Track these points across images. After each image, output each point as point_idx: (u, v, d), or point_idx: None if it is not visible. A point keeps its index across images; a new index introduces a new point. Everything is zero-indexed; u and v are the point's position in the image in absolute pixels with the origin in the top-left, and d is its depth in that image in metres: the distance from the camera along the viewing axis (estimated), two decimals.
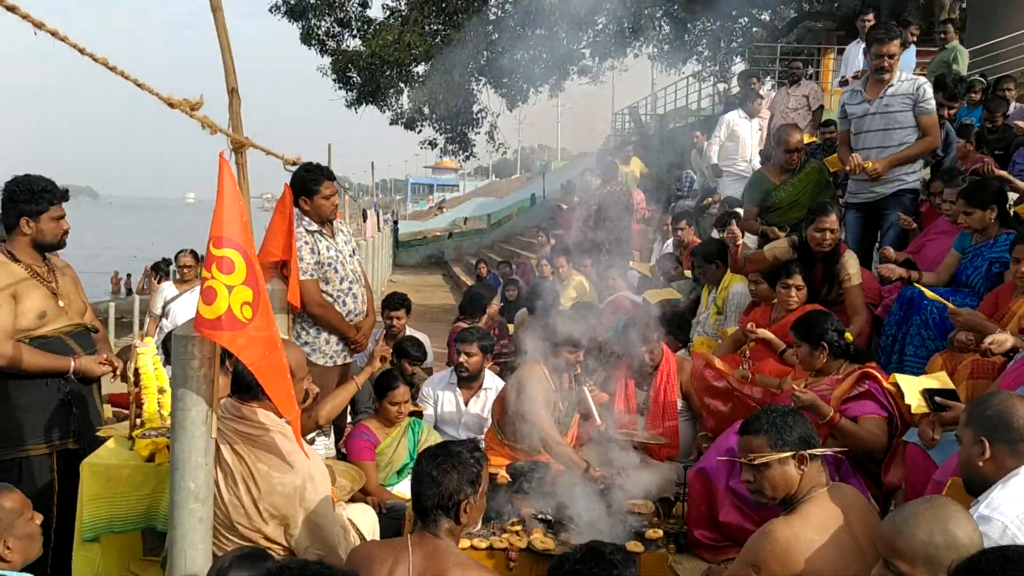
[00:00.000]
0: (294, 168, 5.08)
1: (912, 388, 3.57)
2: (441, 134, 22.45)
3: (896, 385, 3.83)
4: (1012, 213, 4.68)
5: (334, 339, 4.72)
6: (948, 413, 3.37)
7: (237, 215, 2.74)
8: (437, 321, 10.34)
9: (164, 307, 6.92)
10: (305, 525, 2.95)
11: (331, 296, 4.69)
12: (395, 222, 31.28)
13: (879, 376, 3.94)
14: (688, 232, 7.52)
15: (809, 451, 2.79)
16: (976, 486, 2.53)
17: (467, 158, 23.16)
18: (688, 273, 7.02)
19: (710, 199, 9.35)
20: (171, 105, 2.83)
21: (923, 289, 4.40)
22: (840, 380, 4.00)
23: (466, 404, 5.33)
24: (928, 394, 3.49)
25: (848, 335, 4.23)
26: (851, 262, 5.04)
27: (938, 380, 3.63)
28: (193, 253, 7.59)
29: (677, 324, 5.78)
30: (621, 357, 5.01)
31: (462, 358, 5.22)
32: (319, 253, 4.61)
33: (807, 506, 2.78)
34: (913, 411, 3.55)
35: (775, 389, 4.47)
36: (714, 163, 9.77)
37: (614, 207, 7.99)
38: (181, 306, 6.47)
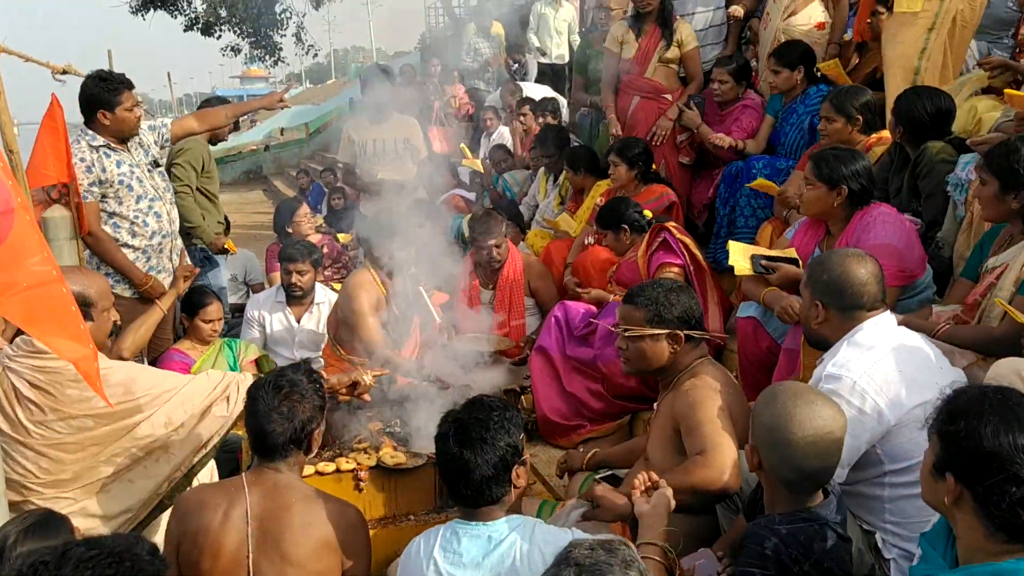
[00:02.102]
0: (64, 79, 4.44)
1: (743, 253, 3.53)
2: (244, 39, 20.77)
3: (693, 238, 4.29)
4: (818, 74, 4.76)
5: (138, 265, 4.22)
6: (773, 276, 3.33)
7: None
8: (261, 240, 9.70)
9: None
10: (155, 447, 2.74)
11: (127, 219, 4.15)
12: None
13: (671, 228, 4.24)
14: (530, 118, 7.18)
15: (686, 331, 2.72)
16: (816, 343, 2.56)
17: (275, 63, 21.66)
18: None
19: None
20: None
21: (753, 185, 4.42)
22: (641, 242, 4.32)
23: (298, 321, 5.01)
24: (756, 259, 3.44)
25: (648, 213, 4.46)
26: (687, 26, 5.31)
27: (784, 252, 3.49)
28: None
29: (510, 216, 5.63)
30: (464, 255, 4.81)
31: (294, 278, 4.91)
32: (106, 171, 4.05)
33: (704, 372, 2.72)
34: (736, 272, 3.55)
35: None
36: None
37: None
38: None
